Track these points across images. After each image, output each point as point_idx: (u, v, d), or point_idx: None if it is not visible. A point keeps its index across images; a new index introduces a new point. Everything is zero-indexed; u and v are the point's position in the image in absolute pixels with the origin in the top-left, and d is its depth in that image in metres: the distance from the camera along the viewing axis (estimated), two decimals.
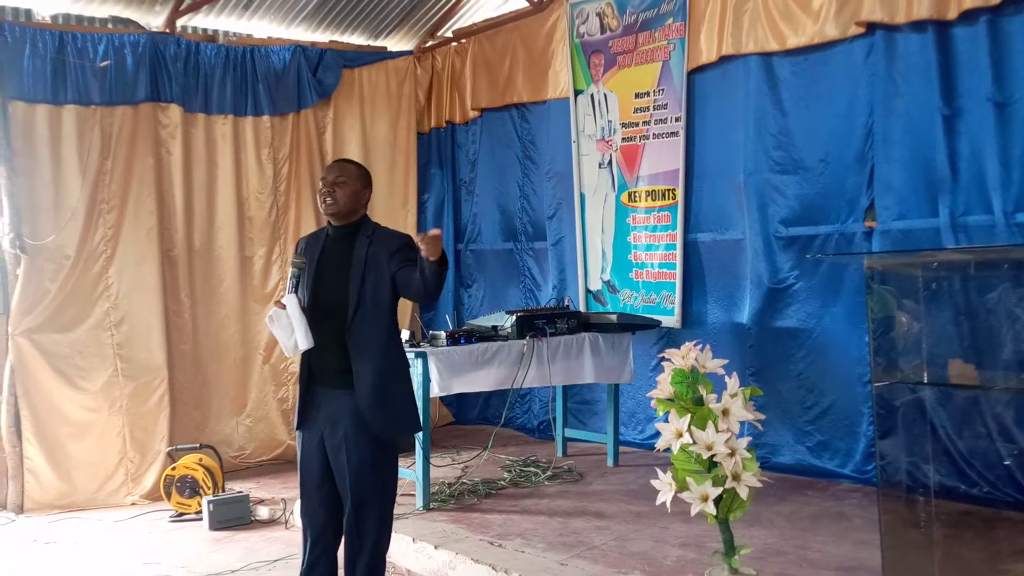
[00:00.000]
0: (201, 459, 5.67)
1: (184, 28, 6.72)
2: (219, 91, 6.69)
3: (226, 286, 6.71)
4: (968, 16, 4.61)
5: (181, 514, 5.59)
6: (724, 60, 5.70)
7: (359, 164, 3.71)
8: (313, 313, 3.44)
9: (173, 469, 5.64)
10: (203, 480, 5.57)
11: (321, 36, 7.39)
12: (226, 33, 7.00)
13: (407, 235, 3.63)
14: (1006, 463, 4.27)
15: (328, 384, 3.47)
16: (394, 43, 7.76)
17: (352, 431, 3.42)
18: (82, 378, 6.04)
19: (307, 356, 3.50)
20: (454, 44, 7.71)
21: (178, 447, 5.96)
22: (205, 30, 6.87)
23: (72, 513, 5.79)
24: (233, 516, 5.38)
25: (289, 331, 3.40)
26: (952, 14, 4.63)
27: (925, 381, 3.24)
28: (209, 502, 5.36)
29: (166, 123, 6.47)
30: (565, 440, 6.32)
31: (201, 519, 5.43)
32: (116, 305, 6.19)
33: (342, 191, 3.49)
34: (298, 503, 3.71)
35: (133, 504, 5.98)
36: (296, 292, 3.46)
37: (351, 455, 3.42)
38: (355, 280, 3.44)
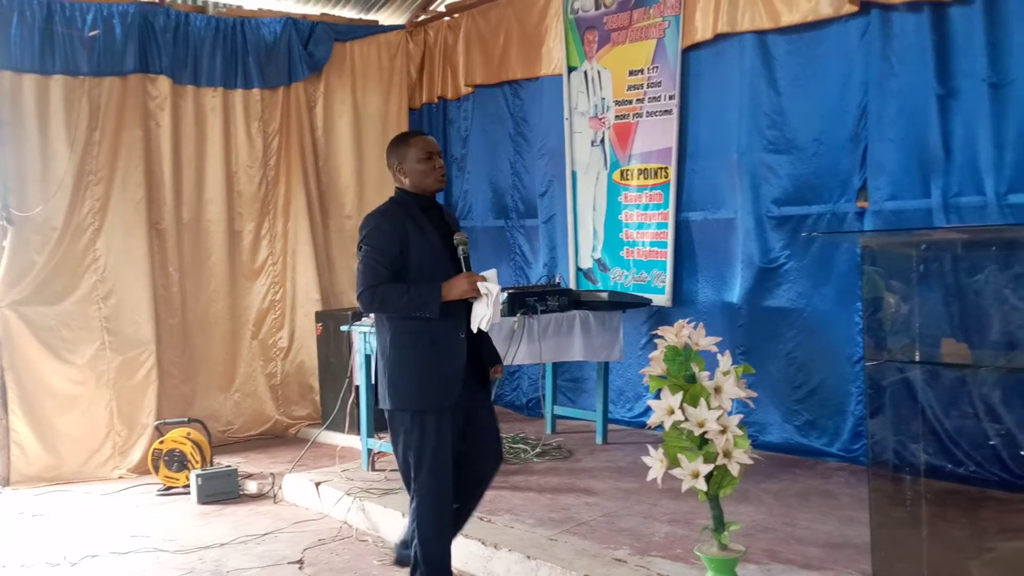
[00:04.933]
0: (189, 433, 5.65)
1: None
2: (209, 63, 6.62)
3: (215, 260, 6.67)
4: None
5: (169, 488, 5.58)
6: (719, 38, 5.66)
7: None
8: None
9: (161, 443, 5.62)
10: (191, 454, 5.56)
11: (312, 9, 7.31)
12: (216, 4, 6.90)
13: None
14: (991, 443, 4.29)
15: None
16: (386, 17, 7.69)
17: None
18: (69, 351, 6.01)
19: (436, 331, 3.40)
20: (447, 19, 7.63)
21: (166, 421, 5.95)
22: (195, 1, 6.77)
23: (59, 486, 5.78)
24: (221, 490, 5.38)
25: (494, 306, 3.36)
26: None
27: (917, 360, 3.24)
28: (197, 476, 5.35)
29: (155, 95, 6.41)
30: (554, 417, 6.32)
31: (189, 493, 5.43)
32: (104, 278, 6.15)
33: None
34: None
35: (120, 477, 5.98)
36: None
37: None
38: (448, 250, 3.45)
